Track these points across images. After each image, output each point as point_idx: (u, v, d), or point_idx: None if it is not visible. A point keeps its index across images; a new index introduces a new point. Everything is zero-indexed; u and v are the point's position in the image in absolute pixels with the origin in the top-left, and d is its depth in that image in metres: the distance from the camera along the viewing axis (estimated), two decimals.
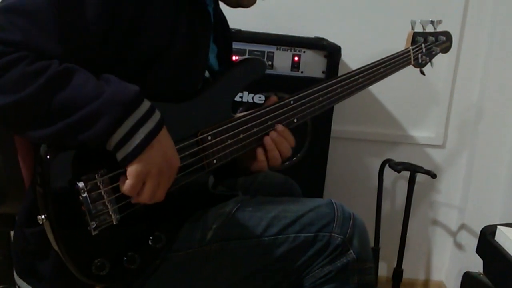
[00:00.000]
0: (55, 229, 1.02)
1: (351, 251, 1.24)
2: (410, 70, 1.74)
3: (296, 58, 2.06)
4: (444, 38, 1.77)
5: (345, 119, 2.44)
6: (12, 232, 1.26)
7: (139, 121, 1.02)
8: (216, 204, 1.29)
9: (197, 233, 1.23)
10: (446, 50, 1.81)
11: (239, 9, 1.38)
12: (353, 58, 2.31)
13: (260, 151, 1.33)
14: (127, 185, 1.04)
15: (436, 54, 1.75)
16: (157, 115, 1.06)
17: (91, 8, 1.03)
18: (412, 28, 1.69)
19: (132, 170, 1.04)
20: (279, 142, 1.33)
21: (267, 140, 1.32)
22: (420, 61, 1.70)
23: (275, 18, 2.30)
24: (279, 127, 1.34)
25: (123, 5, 1.08)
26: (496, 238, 1.59)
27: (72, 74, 0.99)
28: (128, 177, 1.04)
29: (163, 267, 1.20)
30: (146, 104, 1.05)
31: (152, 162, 1.05)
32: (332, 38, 2.21)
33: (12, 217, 1.24)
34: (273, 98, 1.38)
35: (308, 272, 1.25)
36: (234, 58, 1.93)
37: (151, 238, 1.16)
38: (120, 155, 1.03)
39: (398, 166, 2.22)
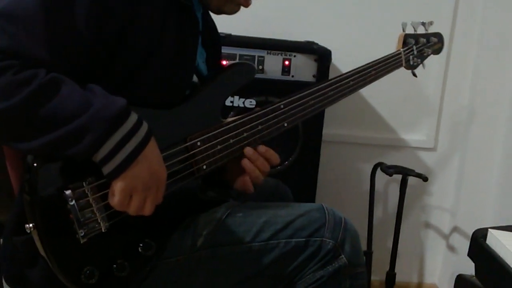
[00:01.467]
0: (43, 238, 1.01)
1: (343, 256, 1.24)
2: (401, 74, 1.73)
3: (286, 62, 2.06)
4: (435, 40, 1.77)
5: (337, 122, 2.44)
6: (1, 240, 1.25)
7: (125, 137, 1.02)
8: (206, 210, 1.28)
9: (188, 240, 1.22)
10: (438, 51, 1.80)
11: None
12: (343, 62, 2.30)
13: (247, 179, 1.32)
14: (114, 201, 1.05)
15: (428, 55, 1.75)
16: (144, 128, 1.05)
17: (81, 14, 1.02)
18: (403, 30, 1.69)
19: (117, 186, 1.03)
20: (256, 159, 1.31)
21: (245, 162, 1.30)
22: (411, 63, 1.70)
23: (266, 22, 2.30)
24: (259, 147, 1.32)
25: (113, 11, 1.07)
26: (487, 241, 1.59)
27: (58, 85, 0.98)
28: (114, 193, 1.04)
29: (153, 275, 1.19)
30: (132, 118, 1.04)
31: (137, 177, 1.05)
32: (322, 42, 2.22)
33: (1, 225, 1.22)
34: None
35: (300, 278, 1.25)
36: (223, 62, 1.93)
37: (141, 245, 1.15)
38: (105, 170, 1.02)
39: (389, 170, 2.22)
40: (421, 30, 1.73)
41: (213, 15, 1.45)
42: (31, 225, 1.01)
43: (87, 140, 0.98)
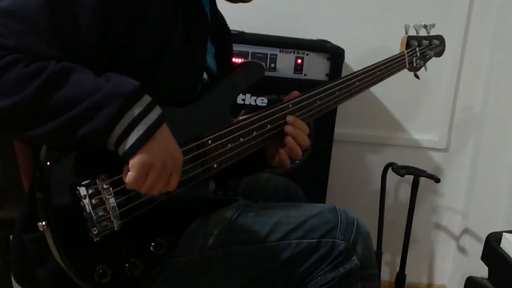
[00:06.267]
0: (56, 236, 1.01)
1: (355, 257, 1.23)
2: (411, 74, 1.73)
3: (299, 61, 2.05)
4: (437, 42, 1.77)
5: (348, 122, 2.43)
6: (11, 237, 1.25)
7: (141, 114, 1.01)
8: (217, 209, 1.28)
9: (199, 239, 1.21)
10: (439, 54, 1.81)
11: (242, 11, 1.36)
12: (356, 61, 2.30)
13: (282, 150, 1.34)
14: (130, 177, 1.02)
15: (430, 57, 1.76)
16: (158, 109, 1.04)
17: (85, 11, 1.02)
18: (406, 32, 1.69)
19: (135, 161, 1.01)
20: (296, 135, 1.33)
21: (288, 139, 1.33)
22: (414, 64, 1.70)
23: (278, 20, 2.29)
24: (289, 118, 1.34)
25: (118, 8, 1.06)
26: (501, 245, 1.58)
27: (70, 72, 0.98)
28: (130, 169, 1.02)
29: (165, 274, 1.19)
30: (147, 98, 1.03)
31: (155, 154, 1.03)
32: (335, 41, 2.20)
33: (11, 222, 1.22)
34: (295, 93, 1.39)
35: (311, 279, 1.24)
36: (237, 60, 1.92)
37: (152, 244, 1.15)
38: (121, 149, 1.01)
39: (401, 170, 2.21)
40: (423, 33, 1.74)
41: (224, 12, 1.44)
42: (43, 223, 1.00)
43: (102, 116, 0.97)
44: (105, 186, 1.04)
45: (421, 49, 1.71)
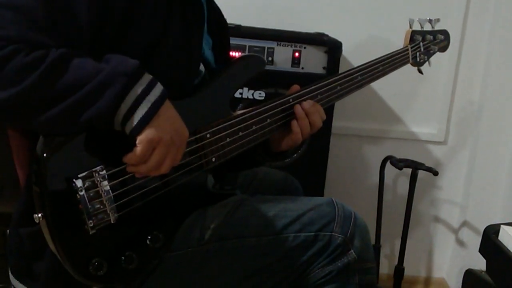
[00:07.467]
0: (51, 228, 1.01)
1: (352, 251, 1.23)
2: (412, 67, 1.72)
3: (296, 54, 2.05)
4: (442, 37, 1.76)
5: (346, 115, 2.42)
6: (7, 232, 1.25)
7: (144, 91, 1.01)
8: (215, 203, 1.27)
9: (196, 233, 1.21)
10: (444, 48, 1.80)
11: (239, 4, 1.35)
12: (354, 54, 2.29)
13: (294, 123, 1.34)
14: (135, 152, 1.02)
15: (434, 52, 1.74)
16: (159, 86, 1.05)
17: (81, 4, 1.01)
18: (410, 27, 1.68)
19: (142, 137, 1.01)
20: (311, 113, 1.34)
21: (298, 109, 1.34)
22: (418, 59, 1.69)
23: (276, 13, 2.28)
24: (307, 103, 1.35)
25: (114, 3, 1.06)
26: (499, 238, 1.58)
27: (70, 57, 0.98)
28: (138, 145, 1.02)
29: (161, 267, 1.19)
30: (148, 76, 1.04)
31: (162, 129, 1.03)
32: (333, 34, 2.20)
33: (8, 216, 1.22)
34: (296, 87, 1.38)
35: (308, 272, 1.24)
36: (234, 54, 1.92)
37: (149, 237, 1.15)
38: (128, 127, 1.01)
39: (399, 163, 2.21)
40: (427, 27, 1.72)
41: (220, 5, 1.44)
42: (39, 215, 1.00)
43: (107, 97, 0.97)
44: (102, 179, 1.04)
45: (425, 44, 1.70)
